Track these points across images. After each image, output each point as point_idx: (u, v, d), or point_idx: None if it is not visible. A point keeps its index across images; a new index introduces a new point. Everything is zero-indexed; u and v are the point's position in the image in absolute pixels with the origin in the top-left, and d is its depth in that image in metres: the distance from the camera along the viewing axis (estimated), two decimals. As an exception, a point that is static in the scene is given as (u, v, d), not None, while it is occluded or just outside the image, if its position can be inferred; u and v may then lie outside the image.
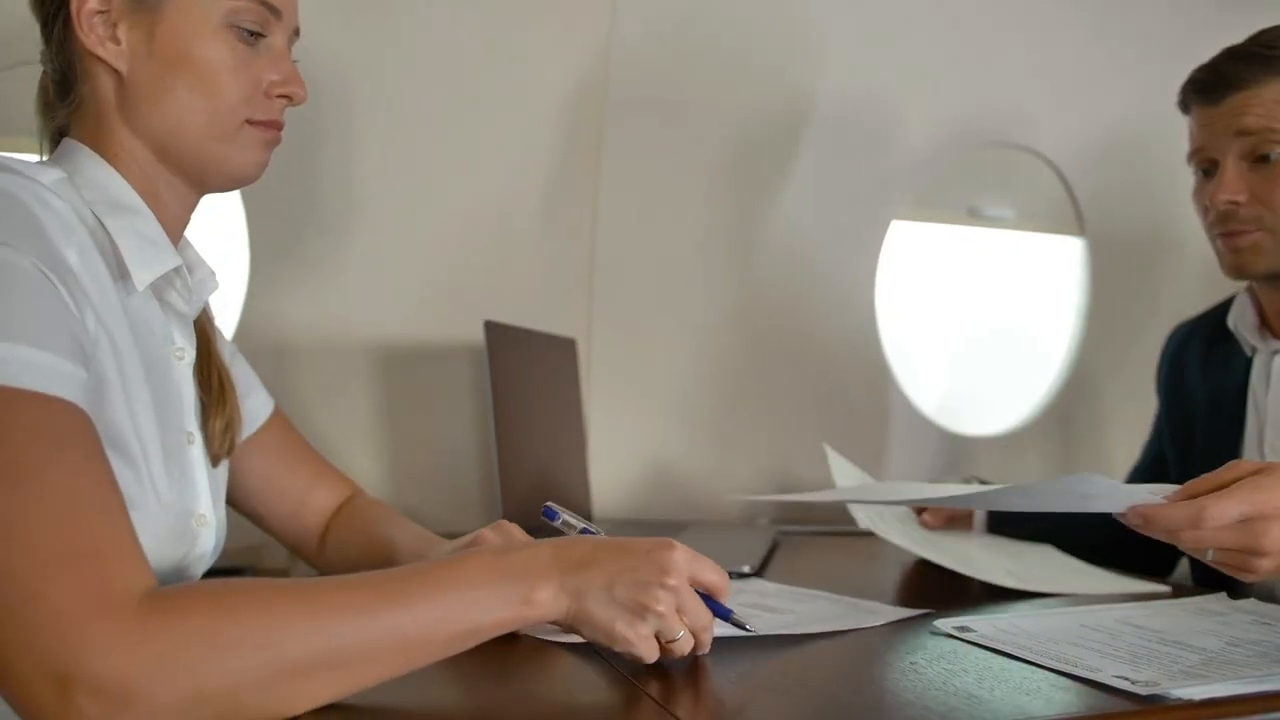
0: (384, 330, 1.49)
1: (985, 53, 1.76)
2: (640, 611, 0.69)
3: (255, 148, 0.86)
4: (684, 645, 0.71)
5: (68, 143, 0.83)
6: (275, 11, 0.86)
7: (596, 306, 1.64)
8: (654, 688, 0.69)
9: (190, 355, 0.87)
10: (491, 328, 1.24)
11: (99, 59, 0.81)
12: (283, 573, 1.22)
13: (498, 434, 1.21)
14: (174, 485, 0.79)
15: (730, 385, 1.73)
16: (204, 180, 0.86)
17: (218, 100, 0.83)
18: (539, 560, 0.68)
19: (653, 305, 1.67)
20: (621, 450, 1.66)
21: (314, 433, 1.13)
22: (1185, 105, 1.21)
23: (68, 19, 0.81)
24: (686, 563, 0.71)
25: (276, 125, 0.88)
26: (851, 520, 1.66)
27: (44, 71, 0.86)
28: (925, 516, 1.35)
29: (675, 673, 0.72)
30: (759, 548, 1.30)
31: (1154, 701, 0.64)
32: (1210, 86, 1.16)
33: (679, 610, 0.70)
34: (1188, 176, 1.24)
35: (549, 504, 0.85)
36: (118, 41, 0.81)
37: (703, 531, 1.45)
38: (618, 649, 0.70)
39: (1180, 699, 0.64)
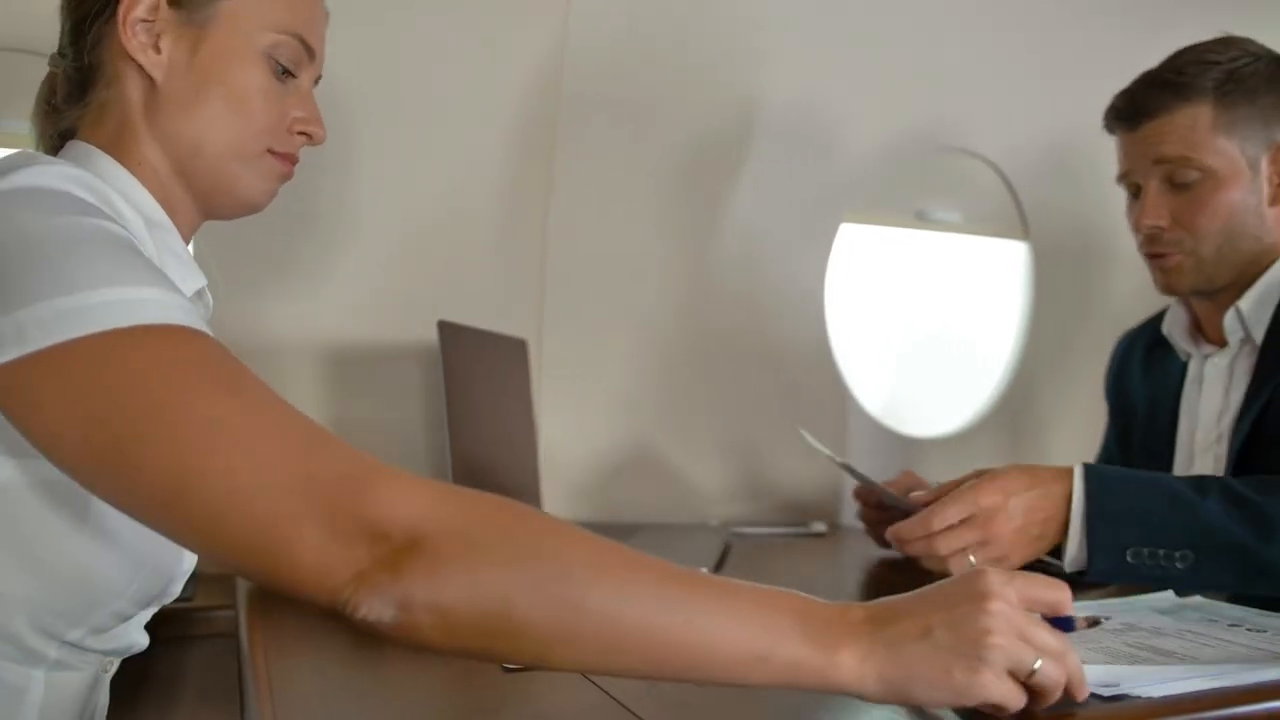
0: (332, 329, 1.46)
1: (933, 59, 1.78)
2: (974, 650, 0.58)
3: (269, 177, 0.87)
4: (1051, 674, 0.60)
5: (80, 146, 0.82)
6: (311, 53, 0.88)
7: (548, 307, 1.62)
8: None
9: None
10: (445, 328, 1.23)
11: (134, 65, 0.81)
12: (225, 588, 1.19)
13: (451, 435, 1.19)
14: None
15: (681, 387, 1.73)
16: (212, 202, 0.86)
17: (248, 120, 0.83)
18: (850, 616, 0.60)
19: (604, 306, 1.67)
20: (572, 452, 1.65)
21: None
22: (1109, 128, 1.24)
23: (110, 20, 0.80)
24: (1006, 583, 0.61)
25: (293, 160, 0.89)
26: (803, 521, 1.68)
27: (52, 70, 0.86)
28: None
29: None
30: (712, 550, 1.30)
31: (1119, 701, 0.65)
32: (1127, 114, 1.20)
33: (1023, 638, 0.59)
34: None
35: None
36: (159, 51, 0.81)
37: (654, 533, 1.44)
38: (971, 703, 0.59)
39: (1144, 697, 0.65)
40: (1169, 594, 1.01)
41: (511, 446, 1.45)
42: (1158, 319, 1.37)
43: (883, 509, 1.34)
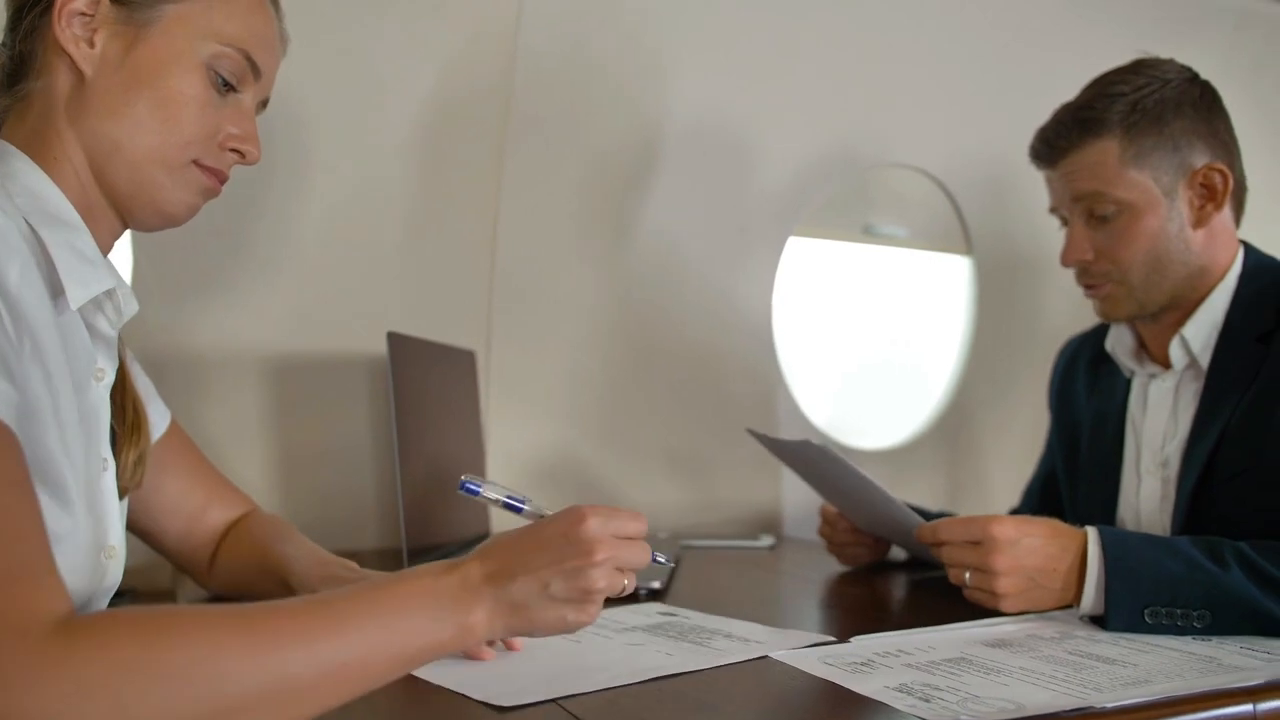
0: (276, 340, 1.44)
1: (880, 76, 1.81)
2: (584, 597, 0.69)
3: (192, 190, 0.84)
4: (629, 589, 0.73)
5: None
6: (256, 71, 0.86)
7: (496, 319, 1.61)
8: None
9: (109, 377, 0.83)
10: (394, 339, 1.21)
11: (65, 57, 0.79)
12: (169, 596, 1.16)
13: (400, 447, 1.18)
14: (90, 515, 0.74)
15: (628, 400, 1.73)
16: (131, 209, 0.83)
17: (174, 128, 0.81)
18: (470, 580, 0.67)
19: (552, 319, 1.66)
20: (519, 463, 1.64)
21: (202, 446, 1.08)
22: (1033, 164, 1.26)
23: (47, 10, 0.78)
24: (604, 527, 0.71)
25: (221, 176, 0.86)
26: (751, 534, 1.69)
27: None
28: (826, 530, 1.37)
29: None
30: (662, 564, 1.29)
31: (1084, 712, 0.67)
32: (1042, 153, 1.23)
33: (619, 568, 0.71)
34: None
35: (466, 477, 0.80)
36: (93, 45, 0.79)
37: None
38: (573, 631, 0.72)
39: (1109, 708, 0.67)
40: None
41: (459, 459, 1.44)
42: (1102, 330, 1.37)
43: (845, 529, 1.35)
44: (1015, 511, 1.47)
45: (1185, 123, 1.16)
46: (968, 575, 1.00)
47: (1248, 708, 0.71)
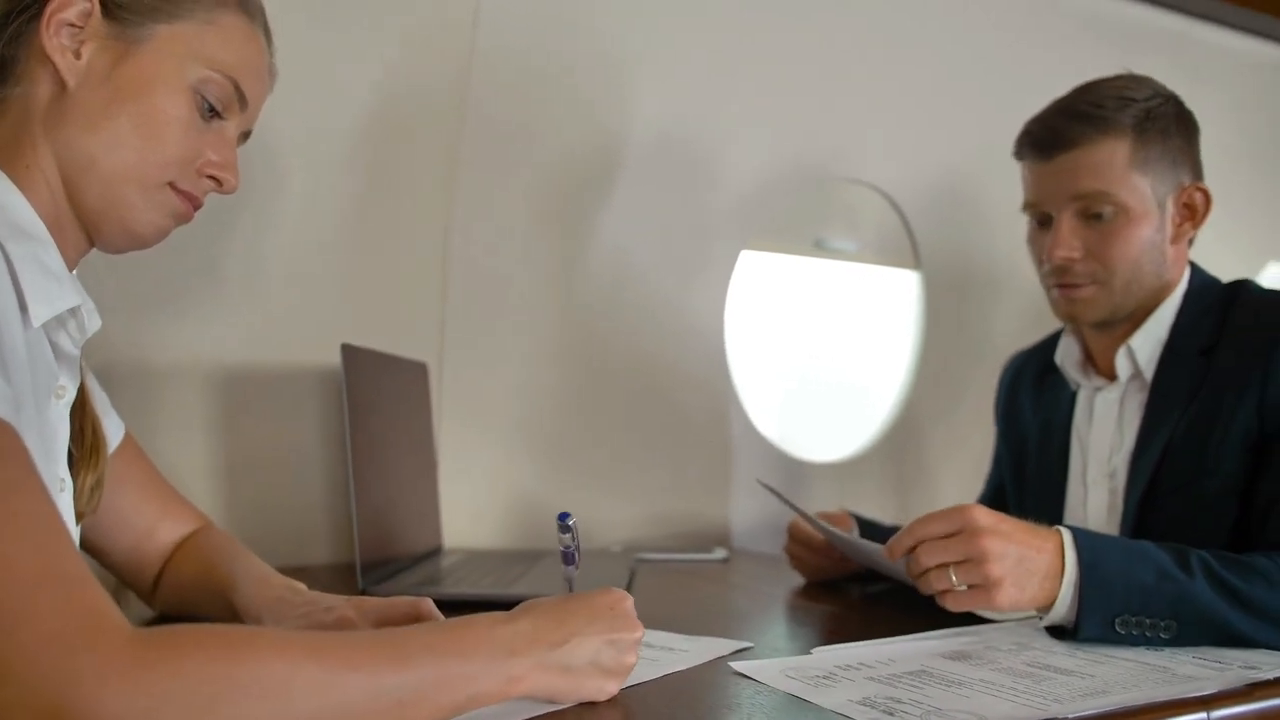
0: (225, 351, 1.41)
1: (830, 91, 1.83)
2: (621, 669, 0.73)
3: (163, 212, 0.83)
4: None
5: None
6: (243, 100, 0.85)
7: (448, 331, 1.60)
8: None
9: (70, 394, 0.81)
10: (348, 351, 1.19)
11: (49, 65, 0.77)
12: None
13: (354, 461, 1.16)
14: None
15: (582, 412, 1.72)
16: (100, 226, 0.81)
17: (155, 146, 0.79)
18: (521, 635, 0.69)
19: (504, 331, 1.65)
20: (473, 477, 1.62)
21: (152, 458, 1.05)
22: (1019, 155, 1.24)
23: (35, 17, 0.77)
24: (633, 609, 0.76)
25: (195, 202, 0.85)
26: (704, 548, 1.69)
27: None
28: (793, 547, 1.37)
29: None
30: (620, 575, 1.29)
31: None
32: (1043, 143, 1.19)
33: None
34: (1014, 219, 1.30)
35: (565, 513, 0.84)
36: (79, 57, 0.77)
37: (558, 560, 1.42)
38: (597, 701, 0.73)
39: (1071, 719, 0.67)
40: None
41: (412, 473, 1.42)
42: (1047, 344, 1.40)
43: (813, 548, 1.35)
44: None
45: (1180, 141, 1.19)
46: (953, 575, 0.93)
47: (1202, 716, 0.73)
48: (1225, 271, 1.28)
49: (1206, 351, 1.16)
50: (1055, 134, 1.18)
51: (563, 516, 0.83)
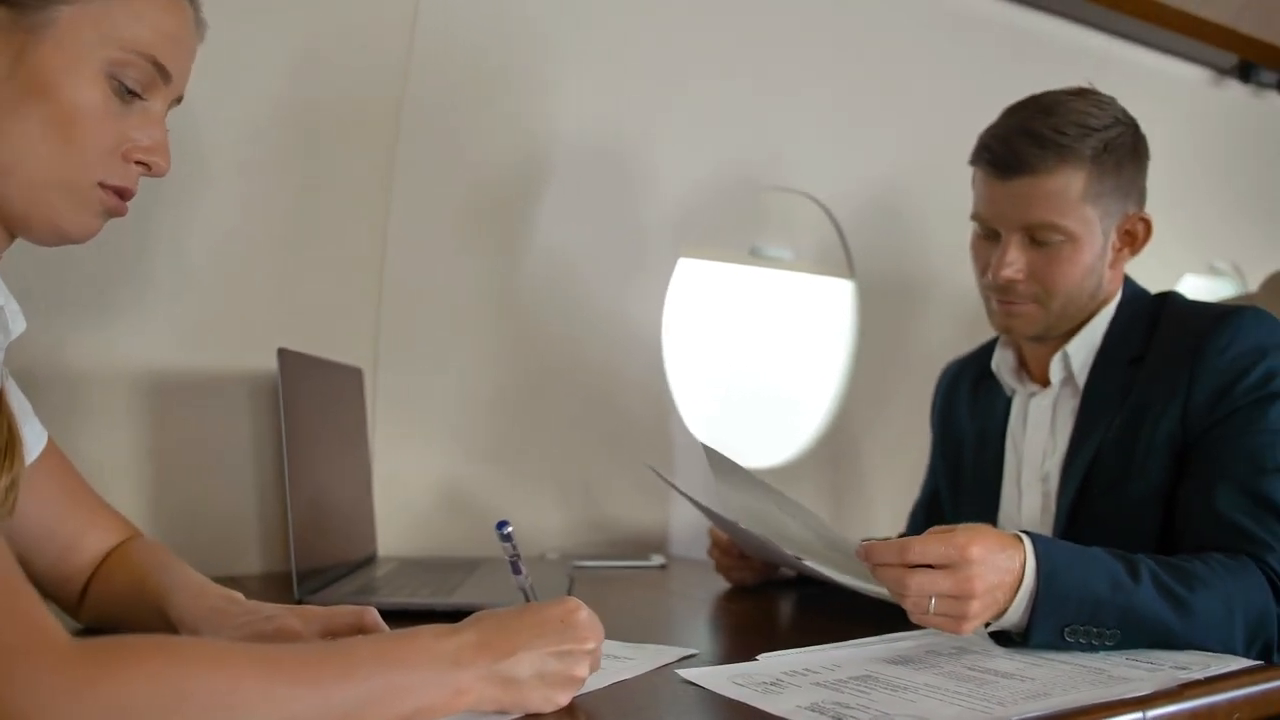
0: (153, 356, 1.37)
1: (767, 101, 1.84)
2: (568, 682, 0.71)
3: (94, 213, 0.78)
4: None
5: None
6: (165, 76, 0.79)
7: (384, 336, 1.58)
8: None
9: None
10: (285, 355, 1.17)
11: None
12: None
13: (289, 468, 1.13)
14: None
15: (516, 420, 1.71)
16: (27, 228, 0.77)
17: (72, 148, 0.74)
18: (466, 648, 0.68)
19: (440, 337, 1.63)
20: (408, 485, 1.60)
21: (76, 466, 1.02)
22: (975, 163, 1.23)
23: None
24: (593, 621, 0.75)
25: (126, 194, 0.79)
26: (641, 555, 1.69)
27: None
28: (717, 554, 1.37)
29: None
30: (557, 584, 1.28)
31: None
32: (1002, 163, 1.17)
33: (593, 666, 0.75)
34: (943, 230, 1.32)
35: (503, 521, 0.82)
36: None
37: (497, 568, 1.41)
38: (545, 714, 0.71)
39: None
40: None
41: (347, 480, 1.40)
42: (983, 352, 1.43)
43: (737, 554, 1.35)
44: (903, 536, 1.49)
45: (1132, 171, 1.20)
46: (932, 602, 0.89)
47: (1139, 715, 0.75)
48: (1145, 284, 1.31)
49: (1135, 360, 1.19)
50: (1016, 156, 1.16)
51: (501, 525, 0.82)
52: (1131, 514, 1.14)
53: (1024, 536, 0.94)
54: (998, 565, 0.90)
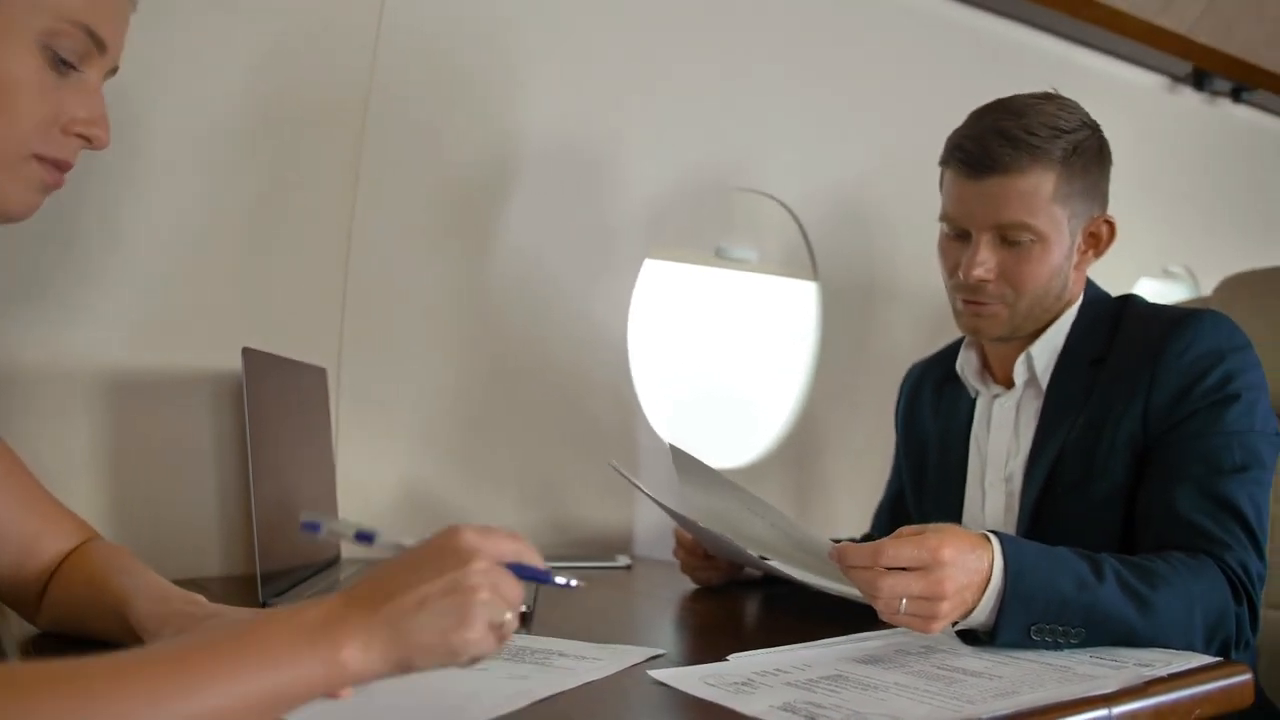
0: (111, 353, 1.34)
1: (738, 104, 1.85)
2: (465, 611, 0.60)
3: (33, 188, 0.76)
4: (511, 627, 0.63)
5: None
6: (100, 46, 0.76)
7: (348, 335, 1.56)
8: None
9: None
10: (249, 355, 1.15)
11: None
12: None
13: (254, 469, 1.12)
14: None
15: (481, 419, 1.69)
16: None
17: (7, 120, 0.72)
18: (334, 612, 0.60)
19: (405, 335, 1.62)
20: (372, 484, 1.58)
21: (31, 468, 1.00)
22: (945, 164, 1.25)
23: None
24: (480, 540, 0.64)
25: (65, 166, 0.77)
26: (606, 555, 1.69)
27: None
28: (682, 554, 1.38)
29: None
30: (527, 585, 1.27)
31: None
32: (975, 162, 1.18)
33: (498, 593, 0.62)
34: (906, 233, 1.33)
35: (305, 515, 0.73)
36: None
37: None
38: (461, 661, 0.62)
39: (988, 717, 0.69)
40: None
41: (311, 480, 1.38)
42: (946, 354, 1.45)
43: (702, 554, 1.35)
44: (868, 536, 1.51)
45: (1097, 174, 1.23)
46: (903, 603, 0.89)
47: (1104, 712, 0.76)
48: (1102, 287, 1.33)
49: (1097, 361, 1.21)
50: (988, 155, 1.17)
51: (310, 527, 0.73)
52: (1094, 513, 1.16)
53: (992, 536, 0.95)
54: (967, 566, 0.91)
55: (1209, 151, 2.61)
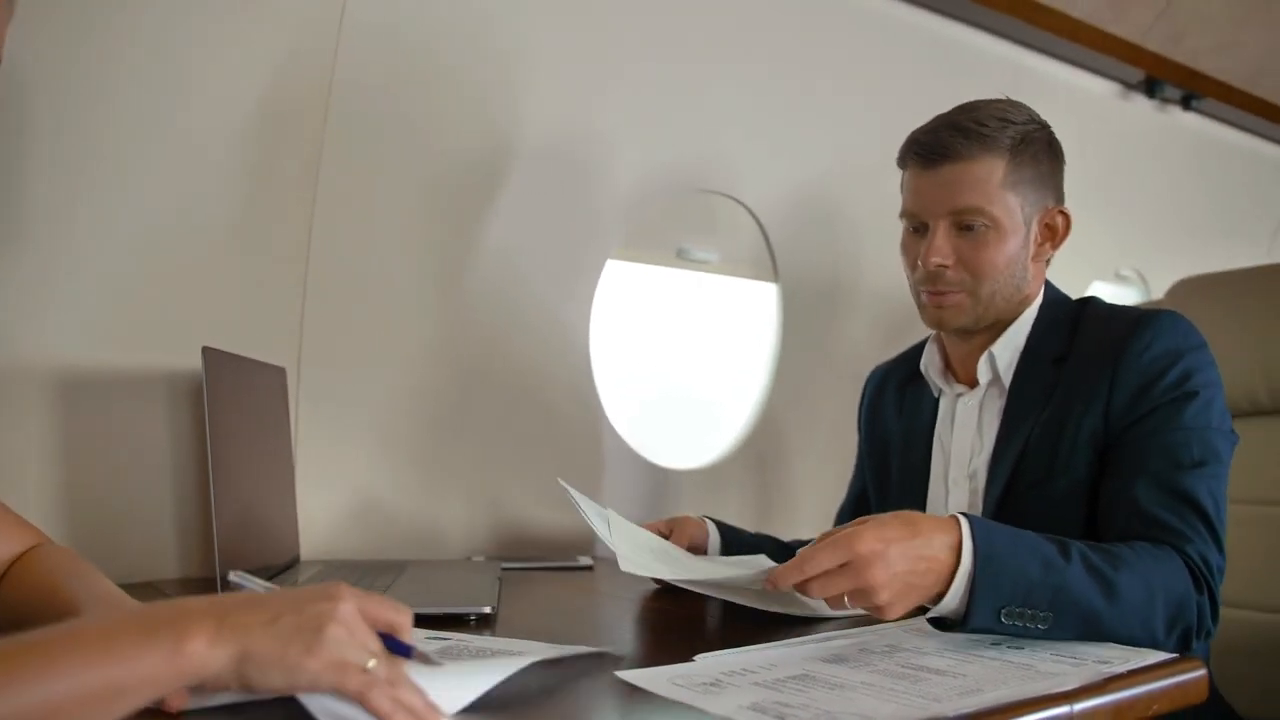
0: (64, 352, 1.32)
1: (700, 106, 1.85)
2: (312, 636, 0.62)
3: None
4: (374, 676, 0.63)
5: None
6: None
7: (307, 334, 1.54)
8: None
9: None
10: (209, 354, 1.14)
11: None
12: None
13: (214, 470, 1.10)
14: None
15: (446, 418, 1.69)
16: None
17: None
18: (191, 605, 0.61)
19: (365, 335, 1.60)
20: (332, 486, 1.57)
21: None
22: (903, 163, 1.30)
23: None
24: (355, 597, 0.66)
25: None
26: (568, 556, 1.68)
27: None
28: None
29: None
30: (489, 585, 1.27)
31: None
32: (929, 152, 1.24)
33: (357, 640, 0.64)
34: (867, 236, 1.35)
35: (232, 573, 0.76)
36: None
37: (425, 570, 1.40)
38: (302, 686, 0.62)
39: (952, 717, 0.70)
40: (922, 619, 1.09)
41: (271, 482, 1.36)
42: (909, 355, 1.47)
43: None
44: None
45: (1048, 166, 1.27)
46: (847, 602, 0.94)
47: (1066, 709, 0.77)
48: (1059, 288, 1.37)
49: (1059, 360, 1.24)
50: (941, 145, 1.24)
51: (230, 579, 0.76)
52: (1057, 509, 1.18)
53: (961, 520, 0.97)
54: (906, 553, 0.93)
55: (1160, 158, 2.66)
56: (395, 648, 0.68)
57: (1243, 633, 1.62)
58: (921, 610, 1.07)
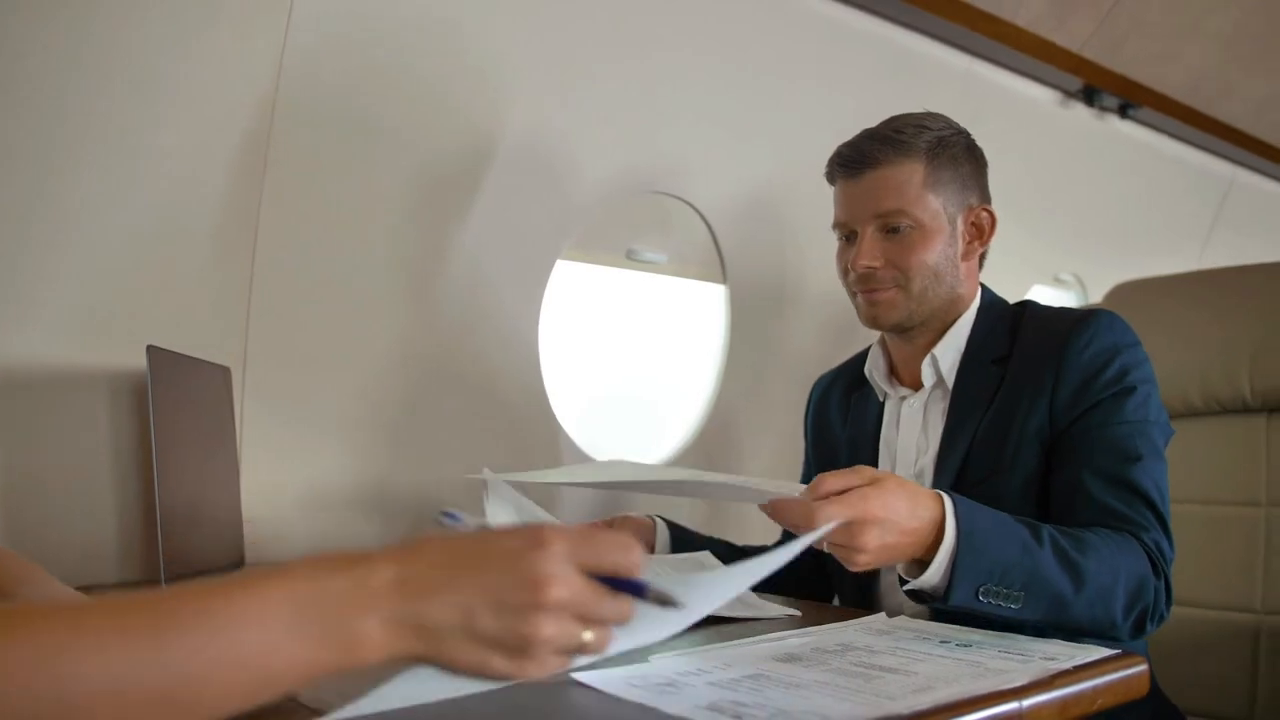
0: (3, 352, 1.28)
1: (651, 108, 1.85)
2: (522, 645, 0.53)
3: None
4: (598, 645, 0.57)
5: None
6: None
7: (253, 333, 1.52)
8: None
9: None
10: (154, 353, 1.11)
11: None
12: None
13: (159, 472, 1.08)
14: None
15: (393, 419, 1.67)
16: None
17: None
18: (371, 583, 0.52)
19: (316, 334, 1.58)
20: (279, 487, 1.54)
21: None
22: (831, 178, 1.36)
23: None
24: (568, 558, 0.55)
25: None
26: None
27: None
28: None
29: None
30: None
31: None
32: (851, 162, 1.32)
33: (579, 618, 0.55)
34: (815, 239, 1.38)
35: (445, 510, 0.67)
36: None
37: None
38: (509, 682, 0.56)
39: (906, 714, 0.71)
40: (881, 615, 1.11)
41: (215, 483, 1.34)
42: (853, 363, 1.50)
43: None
44: (779, 543, 1.53)
45: (969, 168, 1.33)
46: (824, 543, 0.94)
47: (1015, 705, 0.79)
48: (1000, 293, 1.41)
49: (1000, 360, 1.29)
50: (861, 154, 1.31)
51: (450, 517, 0.73)
52: (1005, 505, 1.19)
53: (945, 496, 1.00)
54: (901, 522, 0.96)
55: (1098, 165, 2.72)
56: (625, 586, 0.58)
57: (1178, 629, 1.66)
58: (869, 609, 1.09)
